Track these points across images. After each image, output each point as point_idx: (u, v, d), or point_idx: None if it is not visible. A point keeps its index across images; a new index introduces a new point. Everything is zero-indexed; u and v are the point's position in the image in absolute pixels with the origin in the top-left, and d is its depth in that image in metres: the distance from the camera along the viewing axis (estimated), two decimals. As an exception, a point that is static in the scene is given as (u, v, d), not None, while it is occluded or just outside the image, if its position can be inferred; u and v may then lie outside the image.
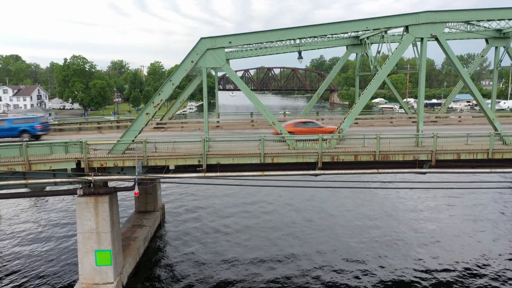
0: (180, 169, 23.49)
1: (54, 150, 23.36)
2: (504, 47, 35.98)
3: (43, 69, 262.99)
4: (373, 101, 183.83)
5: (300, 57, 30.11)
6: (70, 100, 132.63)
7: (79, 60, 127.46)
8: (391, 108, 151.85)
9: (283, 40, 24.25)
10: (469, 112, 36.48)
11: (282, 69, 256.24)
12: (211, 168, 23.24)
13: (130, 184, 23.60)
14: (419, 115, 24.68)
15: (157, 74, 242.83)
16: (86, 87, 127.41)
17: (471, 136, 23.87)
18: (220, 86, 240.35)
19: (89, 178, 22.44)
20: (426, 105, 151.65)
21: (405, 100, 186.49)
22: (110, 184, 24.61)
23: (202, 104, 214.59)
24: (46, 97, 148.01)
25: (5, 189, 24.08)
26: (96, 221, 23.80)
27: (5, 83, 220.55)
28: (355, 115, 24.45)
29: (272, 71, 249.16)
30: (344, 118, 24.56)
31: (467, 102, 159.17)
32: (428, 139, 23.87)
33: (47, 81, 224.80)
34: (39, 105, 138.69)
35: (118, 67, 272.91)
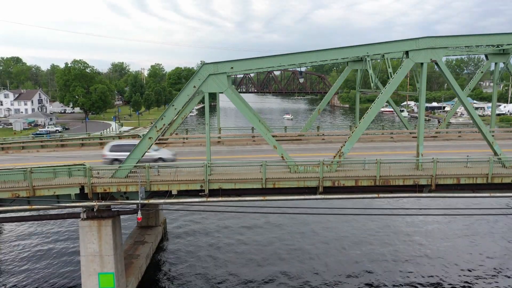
0: (182, 192, 23.73)
1: (57, 174, 23.62)
2: (504, 63, 36.25)
3: (44, 71, 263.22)
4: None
5: (301, 76, 30.26)
6: (71, 104, 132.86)
7: (80, 65, 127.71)
8: (392, 112, 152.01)
9: (284, 65, 24.45)
10: (468, 127, 36.47)
11: (282, 71, 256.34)
12: (213, 192, 23.48)
13: (134, 206, 23.86)
14: (419, 138, 24.90)
15: (158, 76, 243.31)
16: (87, 91, 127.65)
17: (470, 161, 24.04)
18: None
19: (93, 203, 22.68)
20: (426, 109, 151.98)
21: (405, 103, 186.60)
22: (113, 207, 24.86)
23: (202, 107, 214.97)
24: (47, 101, 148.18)
25: (9, 213, 24.33)
26: (99, 244, 24.07)
27: (6, 86, 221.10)
28: (355, 139, 24.68)
29: (273, 73, 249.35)
30: (345, 142, 24.78)
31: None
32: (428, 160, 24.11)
33: (48, 83, 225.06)
34: (40, 109, 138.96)
35: (118, 69, 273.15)
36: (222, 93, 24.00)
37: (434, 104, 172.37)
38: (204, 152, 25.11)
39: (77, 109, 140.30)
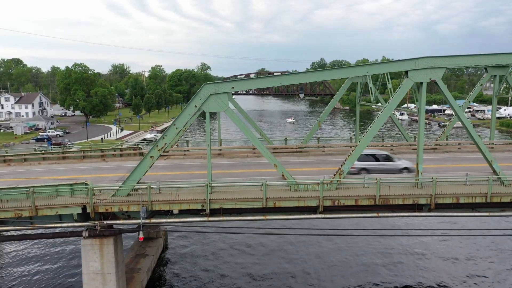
0: (183, 211, 23.91)
1: (60, 193, 23.80)
2: (503, 75, 36.47)
3: (44, 73, 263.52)
4: (373, 106, 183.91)
5: (301, 92, 30.50)
6: (72, 108, 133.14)
7: (80, 68, 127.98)
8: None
9: (284, 85, 24.63)
10: (468, 139, 36.50)
11: (282, 74, 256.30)
12: (214, 210, 23.68)
13: (135, 225, 24.05)
14: (419, 157, 25.06)
15: (158, 78, 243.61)
16: (87, 95, 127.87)
17: (470, 181, 24.19)
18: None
19: (95, 223, 22.88)
20: (426, 111, 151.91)
21: (405, 105, 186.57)
22: (115, 225, 25.03)
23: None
24: (47, 104, 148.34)
25: (12, 231, 24.52)
26: (101, 262, 24.25)
27: (7, 88, 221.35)
28: (356, 157, 24.86)
29: (273, 75, 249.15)
30: (345, 160, 24.96)
31: (468, 108, 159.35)
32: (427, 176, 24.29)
33: (48, 85, 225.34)
34: (40, 112, 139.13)
35: (119, 70, 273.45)
36: (224, 111, 24.17)
37: (434, 106, 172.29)
38: (205, 166, 25.16)
39: (77, 112, 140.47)
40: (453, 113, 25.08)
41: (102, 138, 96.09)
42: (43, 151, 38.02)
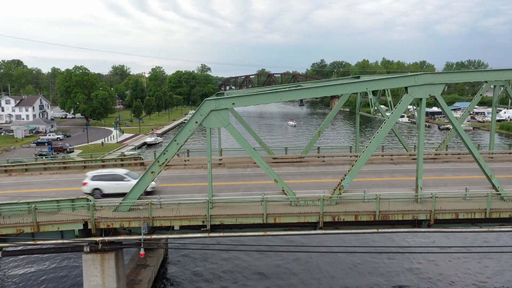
0: (184, 226, 24.04)
1: (61, 208, 23.94)
2: (502, 86, 36.63)
3: (45, 74, 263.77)
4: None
5: (301, 104, 30.65)
6: (72, 111, 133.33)
7: (81, 71, 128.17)
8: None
9: (284, 100, 24.77)
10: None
11: (283, 75, 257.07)
12: (215, 226, 23.82)
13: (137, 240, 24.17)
14: (418, 172, 25.18)
15: (158, 79, 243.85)
16: (88, 97, 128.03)
17: (469, 197, 24.31)
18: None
19: (97, 239, 23.03)
20: (426, 114, 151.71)
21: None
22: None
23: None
24: (48, 106, 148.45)
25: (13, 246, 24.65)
26: (102, 277, 24.43)
27: (7, 89, 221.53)
28: (356, 172, 24.97)
29: (273, 76, 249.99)
30: (345, 175, 25.08)
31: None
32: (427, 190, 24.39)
33: (49, 87, 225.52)
34: (41, 115, 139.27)
35: (119, 72, 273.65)
36: (224, 127, 24.31)
37: (435, 109, 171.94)
38: (206, 177, 25.13)
39: (78, 114, 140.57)
40: (453, 128, 25.15)
41: (102, 142, 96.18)
42: (44, 162, 38.12)
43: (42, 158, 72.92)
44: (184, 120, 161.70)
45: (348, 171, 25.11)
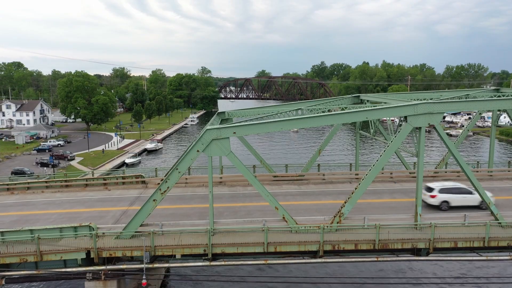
0: (186, 254, 24.30)
1: (64, 235, 24.18)
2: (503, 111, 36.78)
3: (45, 76, 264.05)
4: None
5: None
6: (73, 116, 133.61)
7: (81, 78, 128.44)
8: (392, 121, 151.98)
9: (284, 129, 25.01)
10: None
11: (283, 78, 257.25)
12: (216, 254, 24.06)
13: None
14: (418, 200, 25.42)
15: (159, 82, 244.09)
16: (88, 103, 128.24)
17: (469, 226, 24.53)
18: (222, 95, 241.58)
19: (99, 268, 23.27)
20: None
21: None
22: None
23: (204, 113, 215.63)
24: (48, 111, 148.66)
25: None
26: (105, 304, 24.60)
27: (8, 92, 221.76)
28: (355, 200, 25.20)
29: (273, 80, 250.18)
30: (345, 202, 25.32)
31: (468, 114, 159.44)
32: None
33: (49, 89, 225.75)
34: (41, 120, 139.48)
35: (119, 74, 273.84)
36: (226, 156, 24.57)
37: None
38: (207, 196, 25.26)
39: (78, 119, 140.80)
40: (453, 157, 25.41)
41: (103, 149, 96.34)
42: (46, 180, 38.35)
43: (44, 169, 73.39)
44: (185, 124, 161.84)
45: (348, 198, 25.33)
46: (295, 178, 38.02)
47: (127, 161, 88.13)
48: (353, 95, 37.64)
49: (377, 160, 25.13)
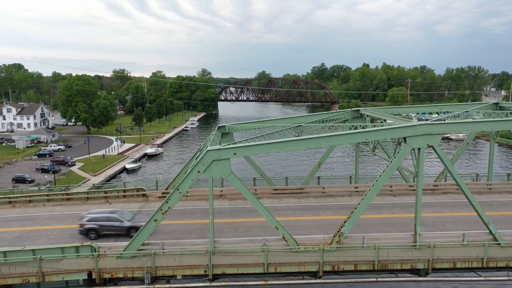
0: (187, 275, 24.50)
1: (66, 255, 24.38)
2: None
3: (46, 77, 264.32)
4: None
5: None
6: (73, 120, 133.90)
7: (81, 81, 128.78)
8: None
9: (284, 151, 25.20)
10: (466, 181, 37.27)
11: (283, 80, 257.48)
12: (216, 274, 24.26)
13: None
14: (417, 219, 25.60)
15: (159, 84, 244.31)
16: (89, 106, 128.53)
17: (469, 246, 24.70)
18: (222, 97, 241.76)
19: (100, 289, 23.48)
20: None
21: (405, 114, 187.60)
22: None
23: (204, 116, 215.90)
24: (49, 114, 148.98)
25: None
26: (106, 323, 24.78)
27: (8, 94, 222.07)
28: (355, 220, 25.37)
29: (273, 81, 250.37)
30: (344, 222, 25.50)
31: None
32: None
33: (50, 91, 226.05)
34: (42, 123, 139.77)
35: (120, 76, 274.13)
36: (226, 177, 24.77)
37: (435, 116, 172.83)
38: (207, 211, 25.40)
39: (79, 122, 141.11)
40: (451, 177, 25.60)
41: (103, 154, 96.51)
42: (47, 193, 38.56)
43: (45, 177, 73.53)
44: (185, 127, 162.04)
45: (348, 218, 25.51)
46: (295, 191, 38.21)
47: (127, 166, 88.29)
48: (352, 109, 37.83)
49: (376, 180, 25.31)
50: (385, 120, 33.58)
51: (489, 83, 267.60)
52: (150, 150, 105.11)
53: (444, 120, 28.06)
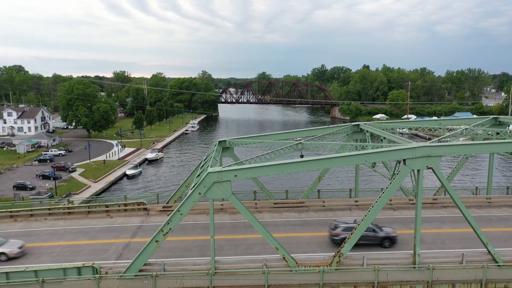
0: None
1: (67, 277, 24.61)
2: (498, 133, 37.16)
3: (46, 79, 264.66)
4: (373, 116, 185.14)
5: (301, 155, 31.52)
6: (74, 123, 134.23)
7: (82, 85, 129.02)
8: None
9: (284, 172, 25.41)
10: (465, 195, 37.67)
11: (283, 82, 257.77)
12: (217, 295, 24.50)
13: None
14: (416, 239, 25.78)
15: (159, 86, 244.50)
16: (89, 110, 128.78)
17: (467, 268, 24.89)
18: (222, 99, 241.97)
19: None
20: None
21: (405, 116, 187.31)
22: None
23: (204, 118, 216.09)
24: (49, 117, 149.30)
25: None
26: None
27: (8, 96, 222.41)
28: (355, 240, 25.56)
29: (274, 83, 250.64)
30: (344, 243, 25.69)
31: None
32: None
33: (50, 93, 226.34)
34: (42, 127, 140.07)
35: (120, 77, 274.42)
36: (227, 198, 24.97)
37: (435, 118, 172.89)
38: (208, 226, 25.60)
39: (79, 126, 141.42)
40: (451, 198, 25.80)
41: (104, 160, 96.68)
42: (48, 207, 38.78)
43: (46, 185, 73.66)
44: (185, 131, 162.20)
45: (348, 238, 25.69)
46: (295, 205, 38.37)
47: (128, 172, 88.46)
48: (352, 123, 38.04)
49: (376, 202, 25.49)
50: (384, 138, 33.76)
51: (489, 84, 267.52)
52: (150, 155, 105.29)
53: (444, 141, 28.18)
